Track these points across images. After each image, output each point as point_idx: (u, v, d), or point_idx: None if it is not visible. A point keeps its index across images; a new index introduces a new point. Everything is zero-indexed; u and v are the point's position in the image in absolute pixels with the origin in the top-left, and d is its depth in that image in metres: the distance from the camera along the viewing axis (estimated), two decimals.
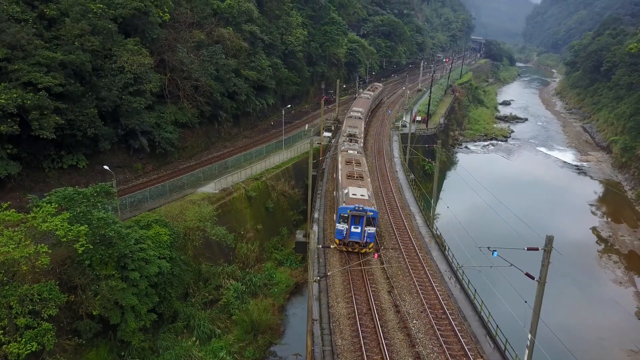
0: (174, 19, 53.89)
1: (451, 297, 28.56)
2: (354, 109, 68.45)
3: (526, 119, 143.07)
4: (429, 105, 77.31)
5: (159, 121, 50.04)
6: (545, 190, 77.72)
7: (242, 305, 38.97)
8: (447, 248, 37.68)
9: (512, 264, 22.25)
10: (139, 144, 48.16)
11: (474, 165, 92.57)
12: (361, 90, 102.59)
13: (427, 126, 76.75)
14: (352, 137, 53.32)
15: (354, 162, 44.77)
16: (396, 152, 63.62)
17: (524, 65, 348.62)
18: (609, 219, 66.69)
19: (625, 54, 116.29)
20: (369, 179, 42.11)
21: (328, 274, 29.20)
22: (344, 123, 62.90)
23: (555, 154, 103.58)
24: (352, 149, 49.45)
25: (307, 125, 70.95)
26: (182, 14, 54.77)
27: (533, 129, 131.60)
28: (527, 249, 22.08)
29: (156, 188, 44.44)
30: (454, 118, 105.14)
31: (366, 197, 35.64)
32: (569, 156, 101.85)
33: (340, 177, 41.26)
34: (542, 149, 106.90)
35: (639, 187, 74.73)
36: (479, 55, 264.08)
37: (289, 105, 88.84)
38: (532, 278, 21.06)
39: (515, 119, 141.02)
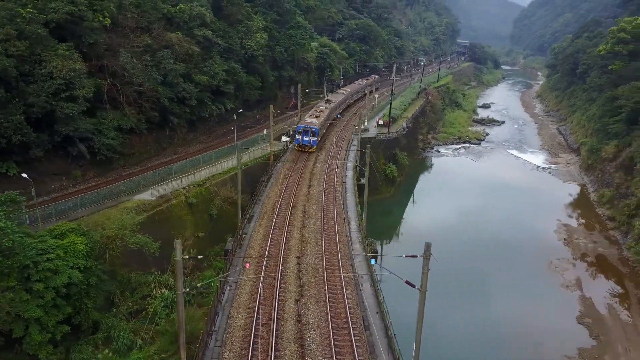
0: (118, 24, 53.15)
1: (359, 306, 27.86)
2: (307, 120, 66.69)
3: (503, 122, 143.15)
4: (389, 109, 76.81)
5: (100, 127, 49.18)
6: (509, 193, 77.41)
7: (170, 315, 38.12)
8: (377, 254, 37.04)
9: (391, 272, 21.54)
10: (77, 150, 47.28)
11: (442, 168, 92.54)
12: (329, 93, 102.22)
13: (388, 130, 76.18)
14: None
15: (318, 111, 72.70)
16: (352, 156, 62.96)
17: (510, 68, 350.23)
18: (569, 222, 66.32)
19: (597, 57, 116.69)
20: (323, 118, 68.90)
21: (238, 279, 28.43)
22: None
23: (526, 156, 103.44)
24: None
25: (265, 129, 70.25)
26: (127, 18, 54.02)
27: (509, 131, 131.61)
28: (406, 256, 21.37)
29: (90, 195, 43.60)
30: (423, 121, 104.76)
31: (314, 122, 65.23)
32: (539, 159, 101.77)
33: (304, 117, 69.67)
34: (514, 152, 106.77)
35: (602, 189, 74.45)
36: (462, 58, 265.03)
37: (255, 110, 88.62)
38: (413, 286, 20.36)
39: (492, 122, 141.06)
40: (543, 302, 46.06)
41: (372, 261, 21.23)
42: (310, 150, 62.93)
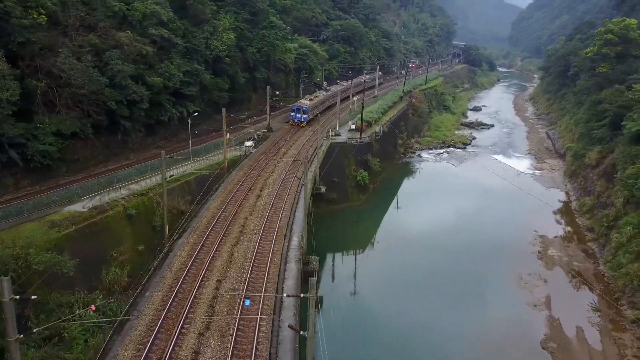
0: (59, 22, 49.85)
1: (270, 341, 24.41)
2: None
3: (492, 126, 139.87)
4: (362, 112, 73.41)
5: (36, 132, 45.85)
6: (487, 202, 74.04)
7: (91, 339, 34.75)
8: (314, 274, 33.62)
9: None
10: (7, 157, 43.95)
11: (421, 174, 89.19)
12: (308, 96, 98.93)
13: (360, 135, 72.76)
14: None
15: (314, 95, 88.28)
16: (317, 162, 59.55)
17: (507, 70, 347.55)
18: (546, 233, 62.82)
19: (586, 58, 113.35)
20: (316, 101, 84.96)
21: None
22: None
23: (511, 161, 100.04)
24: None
25: (228, 134, 66.87)
26: (71, 16, 50.69)
27: (497, 135, 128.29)
28: (287, 295, 17.90)
29: (15, 206, 40.31)
30: (404, 125, 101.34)
31: (306, 103, 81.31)
32: (524, 164, 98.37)
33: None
34: (499, 157, 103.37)
35: (583, 198, 71.00)
36: (457, 60, 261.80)
37: (226, 113, 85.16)
38: (297, 332, 16.97)
39: (480, 126, 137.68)
40: (506, 322, 42.66)
41: (247, 302, 17.59)
42: (301, 125, 79.06)
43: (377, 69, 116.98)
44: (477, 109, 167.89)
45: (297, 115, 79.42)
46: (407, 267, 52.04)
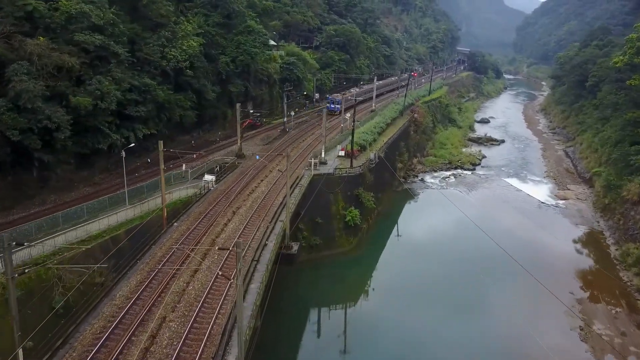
0: None
1: None
2: None
3: (503, 141, 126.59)
4: (352, 136, 59.98)
5: None
6: (505, 248, 60.41)
7: None
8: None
9: None
10: None
11: (424, 206, 75.61)
12: (292, 113, 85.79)
13: (351, 164, 59.51)
14: None
15: (347, 92, 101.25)
16: (292, 204, 46.21)
17: (513, 77, 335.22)
18: (584, 297, 49.34)
19: (611, 69, 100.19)
20: (347, 95, 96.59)
21: None
22: None
23: (528, 188, 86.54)
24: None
25: (183, 164, 53.83)
26: None
27: (508, 153, 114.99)
28: None
29: None
30: (405, 146, 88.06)
31: (339, 96, 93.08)
32: (543, 191, 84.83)
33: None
34: (513, 182, 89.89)
35: (626, 244, 57.44)
36: (462, 67, 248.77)
37: (194, 133, 72.23)
38: None
39: (490, 141, 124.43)
40: None
41: None
42: (335, 114, 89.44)
43: (375, 80, 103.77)
44: (484, 121, 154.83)
45: (332, 105, 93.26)
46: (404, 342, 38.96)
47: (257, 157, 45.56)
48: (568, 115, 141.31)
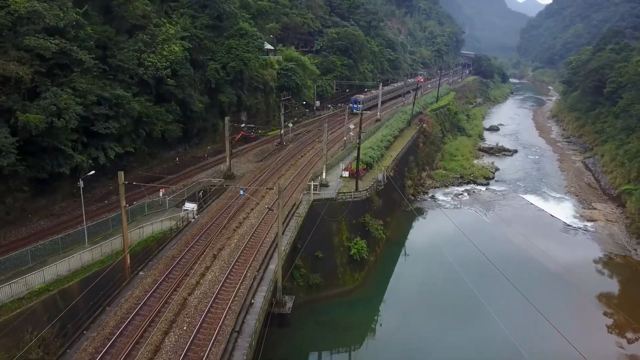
0: None
1: None
2: None
3: (515, 151, 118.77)
4: (357, 156, 51.98)
5: None
6: (534, 286, 52.34)
7: None
8: None
9: None
10: None
11: (435, 230, 67.39)
12: (290, 124, 78.08)
13: (356, 186, 51.65)
14: None
15: (368, 93, 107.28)
16: (286, 243, 38.39)
17: (518, 81, 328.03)
18: (633, 342, 41.49)
19: (635, 74, 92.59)
20: (369, 95, 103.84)
21: None
22: None
23: (550, 206, 78.52)
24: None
25: (161, 190, 46.05)
26: None
27: (523, 164, 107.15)
28: None
29: None
30: (414, 160, 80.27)
31: (361, 96, 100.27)
32: (567, 210, 76.86)
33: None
34: (532, 199, 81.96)
35: None
36: (467, 72, 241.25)
37: (180, 149, 64.58)
38: None
39: (502, 152, 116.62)
40: None
41: None
42: (355, 112, 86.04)
43: (381, 86, 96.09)
44: (494, 129, 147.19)
45: (354, 105, 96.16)
46: None
47: (241, 192, 37.66)
48: (583, 123, 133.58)
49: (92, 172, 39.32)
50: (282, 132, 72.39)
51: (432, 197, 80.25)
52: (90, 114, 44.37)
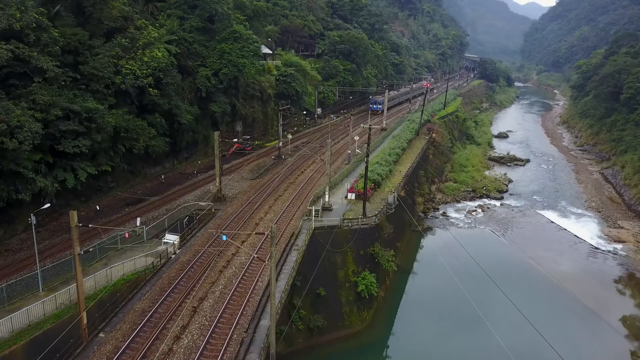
0: None
1: None
2: None
3: (527, 161, 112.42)
4: (365, 178, 45.43)
5: None
6: (565, 327, 45.98)
7: None
8: None
9: None
10: None
11: (449, 254, 60.63)
12: (289, 135, 71.72)
13: (364, 211, 45.26)
14: None
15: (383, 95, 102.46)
16: (282, 287, 32.08)
17: (522, 85, 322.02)
18: None
19: None
20: (387, 97, 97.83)
21: None
22: None
23: (571, 224, 72.08)
24: None
25: (137, 219, 39.67)
26: None
27: (537, 176, 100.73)
28: None
29: None
30: (424, 175, 73.91)
31: (380, 98, 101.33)
32: (590, 229, 70.39)
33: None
34: (552, 216, 75.50)
35: None
36: (472, 75, 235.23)
37: (166, 165, 58.27)
38: None
39: (513, 161, 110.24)
40: None
41: None
42: (377, 113, 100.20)
43: (387, 93, 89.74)
44: (503, 136, 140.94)
45: (374, 106, 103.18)
46: None
47: (224, 237, 30.94)
48: (598, 130, 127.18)
49: (47, 204, 32.81)
50: (281, 144, 66.06)
51: (444, 214, 73.79)
52: (55, 131, 38.15)
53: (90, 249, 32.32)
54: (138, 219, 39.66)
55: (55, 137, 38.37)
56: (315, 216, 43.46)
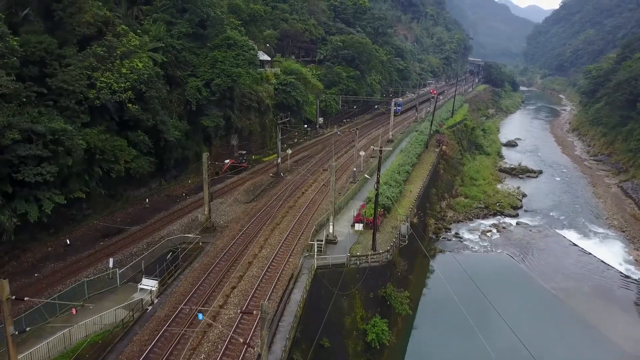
0: None
1: None
2: None
3: (540, 172, 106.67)
4: (375, 204, 39.58)
5: None
6: None
7: None
8: None
9: None
10: None
11: (463, 287, 54.78)
12: (289, 150, 65.99)
13: (373, 244, 39.46)
14: None
15: (404, 96, 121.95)
16: (280, 350, 26.33)
17: (527, 89, 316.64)
18: None
19: None
20: (407, 98, 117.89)
21: None
22: None
23: (595, 247, 66.30)
24: None
25: (110, 259, 33.92)
26: None
27: (551, 188, 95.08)
28: None
29: None
30: (435, 193, 68.17)
31: (400, 99, 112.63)
32: (617, 252, 64.62)
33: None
34: (573, 236, 69.78)
35: None
36: (477, 80, 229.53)
37: (152, 186, 52.50)
38: None
39: (525, 172, 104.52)
40: None
41: None
42: (397, 114, 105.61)
43: (393, 104, 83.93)
44: (511, 144, 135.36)
45: (396, 107, 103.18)
46: None
47: (200, 316, 23.89)
48: (612, 139, 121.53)
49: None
50: (280, 160, 60.33)
51: (456, 234, 67.97)
52: (13, 157, 32.45)
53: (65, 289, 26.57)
54: (111, 259, 34.07)
55: (13, 164, 32.66)
56: (318, 251, 37.70)
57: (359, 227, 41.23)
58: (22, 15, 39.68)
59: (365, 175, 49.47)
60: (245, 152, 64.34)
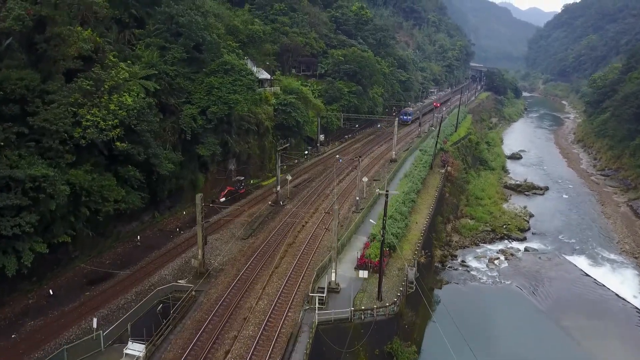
0: None
1: None
2: None
3: (546, 188, 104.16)
4: (381, 252, 36.83)
5: None
6: None
7: None
8: None
9: None
10: None
11: (469, 329, 52.00)
12: (289, 176, 63.31)
13: (379, 295, 36.77)
14: None
15: (412, 106, 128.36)
16: None
17: (529, 94, 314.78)
18: None
19: None
20: (415, 108, 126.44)
21: None
22: None
23: (607, 276, 63.70)
24: None
25: (94, 319, 31.17)
26: None
27: (558, 207, 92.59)
28: None
29: None
30: (442, 220, 65.51)
31: (410, 109, 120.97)
32: (631, 284, 62.01)
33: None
34: (584, 264, 67.11)
35: None
36: (479, 87, 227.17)
37: (144, 220, 49.83)
38: None
39: (531, 189, 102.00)
40: None
41: None
42: (407, 124, 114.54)
43: (396, 122, 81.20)
44: (516, 157, 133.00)
45: (404, 117, 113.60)
46: None
47: None
48: (619, 153, 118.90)
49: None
50: (279, 188, 57.67)
51: (462, 262, 65.29)
52: None
53: None
54: (94, 319, 31.32)
55: None
56: (319, 303, 34.98)
57: (363, 274, 38.48)
58: (5, 45, 37.03)
59: (371, 221, 46.58)
60: (243, 177, 61.73)
